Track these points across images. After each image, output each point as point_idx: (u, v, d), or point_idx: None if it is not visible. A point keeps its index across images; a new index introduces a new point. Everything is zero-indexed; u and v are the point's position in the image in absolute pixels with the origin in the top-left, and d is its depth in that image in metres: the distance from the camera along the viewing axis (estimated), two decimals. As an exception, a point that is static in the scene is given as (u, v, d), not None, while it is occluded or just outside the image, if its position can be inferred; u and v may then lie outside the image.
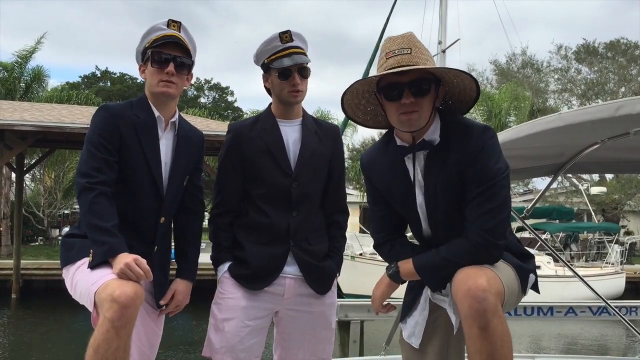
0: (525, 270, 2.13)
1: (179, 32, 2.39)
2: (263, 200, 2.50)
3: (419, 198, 2.16)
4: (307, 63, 2.50)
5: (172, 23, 2.37)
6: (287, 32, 2.47)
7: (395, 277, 2.22)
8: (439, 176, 2.08)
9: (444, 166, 2.06)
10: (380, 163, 2.23)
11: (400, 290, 2.43)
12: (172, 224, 2.56)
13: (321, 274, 2.54)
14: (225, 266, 2.51)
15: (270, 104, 2.60)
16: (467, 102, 2.15)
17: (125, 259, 2.06)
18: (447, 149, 2.06)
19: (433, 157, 2.09)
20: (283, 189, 2.48)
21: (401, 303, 2.39)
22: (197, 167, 2.55)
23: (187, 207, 2.54)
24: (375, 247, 2.39)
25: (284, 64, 2.44)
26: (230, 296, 2.46)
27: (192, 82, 2.53)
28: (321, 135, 2.59)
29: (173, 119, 2.44)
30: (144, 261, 2.07)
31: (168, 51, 2.33)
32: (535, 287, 2.24)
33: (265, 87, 2.57)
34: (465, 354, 2.30)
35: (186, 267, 2.51)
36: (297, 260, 2.48)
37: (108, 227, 2.13)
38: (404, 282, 2.28)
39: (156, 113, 2.37)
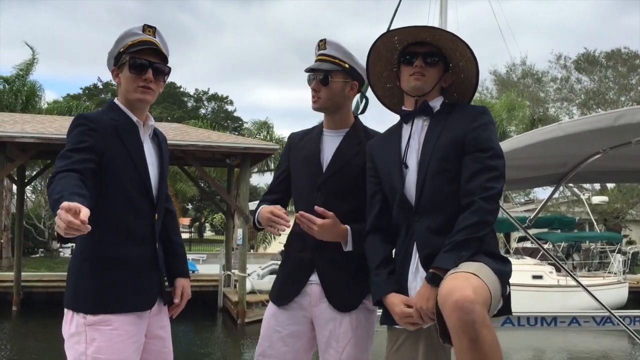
0: (506, 276, 2.12)
1: (154, 37, 2.34)
2: (296, 207, 2.51)
3: (412, 161, 2.24)
4: (328, 69, 2.44)
5: (148, 28, 2.33)
6: (322, 40, 2.50)
7: (435, 281, 2.03)
8: (438, 137, 2.22)
9: (444, 129, 2.23)
10: (383, 141, 2.41)
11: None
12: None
13: (341, 288, 2.42)
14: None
15: None
16: (472, 86, 2.37)
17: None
18: (448, 116, 2.26)
19: (434, 122, 2.28)
20: (309, 198, 2.44)
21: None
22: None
23: (165, 208, 2.48)
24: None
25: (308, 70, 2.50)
26: (266, 310, 2.56)
27: (192, 93, 2.48)
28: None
29: (151, 122, 2.40)
30: (78, 207, 1.75)
31: (146, 57, 2.29)
32: (508, 308, 2.17)
33: None
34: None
35: (183, 266, 2.51)
36: (318, 271, 2.44)
37: (64, 194, 1.84)
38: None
39: (134, 117, 2.33)
